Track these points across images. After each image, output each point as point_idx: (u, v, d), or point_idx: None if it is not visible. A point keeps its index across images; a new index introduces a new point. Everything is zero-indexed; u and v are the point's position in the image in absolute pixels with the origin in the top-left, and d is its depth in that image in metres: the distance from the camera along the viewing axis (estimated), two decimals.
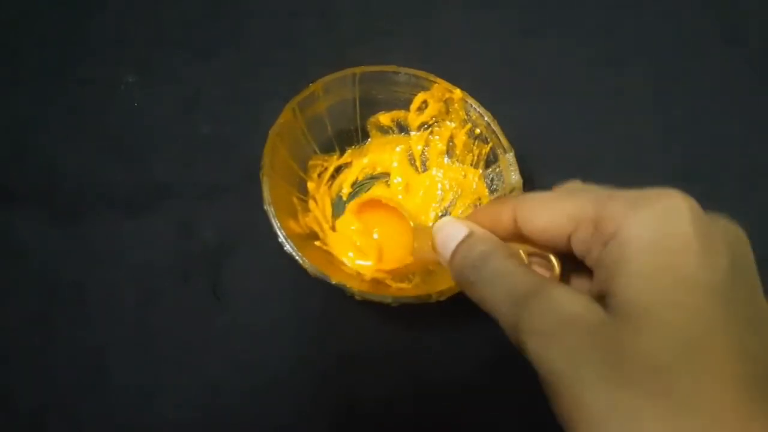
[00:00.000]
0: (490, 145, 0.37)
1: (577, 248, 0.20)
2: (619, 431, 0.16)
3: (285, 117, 0.34)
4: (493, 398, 0.37)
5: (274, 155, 0.33)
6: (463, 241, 0.23)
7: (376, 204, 0.38)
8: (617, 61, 0.49)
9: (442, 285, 0.32)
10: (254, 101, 0.43)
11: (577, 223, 0.20)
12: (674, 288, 0.17)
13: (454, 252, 0.23)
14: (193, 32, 0.47)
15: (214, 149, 0.42)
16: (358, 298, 0.30)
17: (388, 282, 0.35)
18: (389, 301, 0.31)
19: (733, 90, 0.49)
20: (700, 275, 0.17)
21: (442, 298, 0.31)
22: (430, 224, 0.39)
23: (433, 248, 0.25)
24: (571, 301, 0.18)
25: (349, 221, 0.39)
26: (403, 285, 0.35)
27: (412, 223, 0.34)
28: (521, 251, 0.23)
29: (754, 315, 0.17)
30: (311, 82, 0.36)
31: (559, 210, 0.21)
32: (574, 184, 0.22)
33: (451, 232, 0.24)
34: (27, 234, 0.39)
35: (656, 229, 0.17)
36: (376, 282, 0.35)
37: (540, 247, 0.22)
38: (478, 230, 0.23)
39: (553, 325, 0.18)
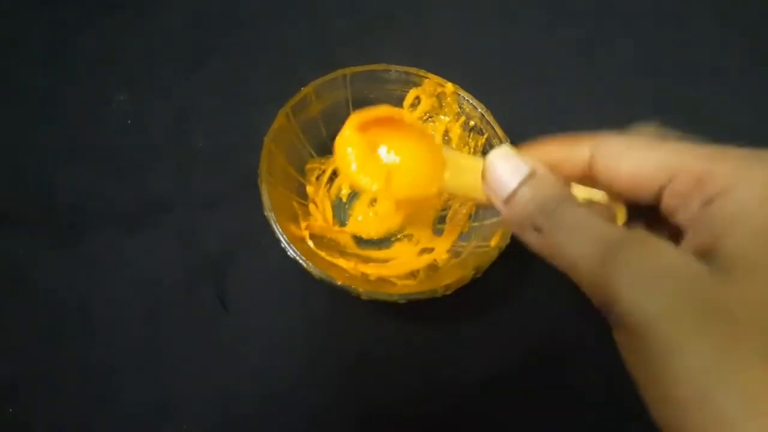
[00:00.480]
0: (486, 136, 0.37)
1: (669, 201, 0.19)
2: (723, 390, 0.15)
3: (279, 122, 0.34)
4: (506, 391, 0.37)
5: (271, 161, 0.33)
6: (525, 181, 0.20)
7: (387, 122, 0.29)
8: (608, 42, 0.49)
9: (448, 279, 0.31)
10: (247, 109, 0.43)
11: (674, 175, 0.18)
12: None
13: (514, 192, 0.20)
14: (180, 45, 0.47)
15: (211, 160, 0.42)
16: (364, 297, 0.30)
17: (394, 280, 0.35)
18: (395, 298, 0.31)
19: (728, 67, 0.49)
20: None
21: (448, 293, 0.31)
22: (434, 222, 0.39)
23: (484, 183, 0.21)
24: (672, 251, 0.17)
25: (347, 141, 0.28)
26: (408, 282, 0.35)
27: (444, 149, 0.27)
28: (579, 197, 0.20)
29: None
30: (303, 86, 0.36)
31: (653, 158, 0.19)
32: (653, 129, 0.21)
33: (511, 168, 0.21)
34: (28, 257, 0.38)
35: (765, 193, 0.16)
36: (381, 281, 0.35)
37: (613, 194, 0.20)
38: (542, 168, 0.20)
39: (654, 273, 0.16)
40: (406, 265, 0.37)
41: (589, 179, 0.20)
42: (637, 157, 0.19)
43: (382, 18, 0.49)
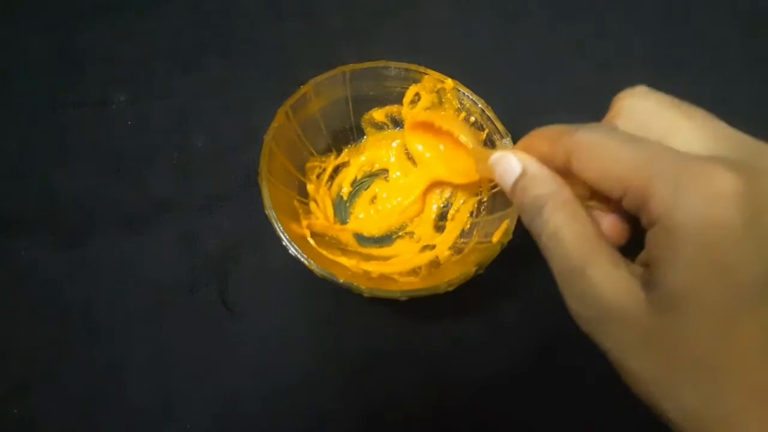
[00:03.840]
0: (486, 131, 0.37)
1: (629, 209, 0.20)
2: (661, 398, 0.18)
3: (279, 121, 0.34)
4: (509, 387, 0.37)
5: (271, 160, 0.33)
6: (518, 180, 0.22)
7: (428, 126, 0.37)
8: (608, 37, 0.49)
9: (450, 275, 0.31)
10: (246, 108, 0.43)
11: (625, 189, 0.19)
12: (717, 284, 0.16)
13: (513, 188, 0.23)
14: (178, 45, 0.47)
15: (211, 160, 0.42)
16: (366, 295, 0.30)
17: (396, 277, 0.35)
18: (398, 295, 0.30)
19: (729, 63, 0.49)
20: (745, 272, 0.16)
21: (451, 288, 0.31)
22: (436, 219, 0.40)
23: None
24: (613, 287, 0.19)
25: (413, 140, 0.39)
26: (411, 279, 0.35)
27: (471, 145, 0.34)
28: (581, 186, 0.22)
29: None
30: (302, 84, 0.36)
31: (610, 169, 0.19)
32: (641, 90, 0.22)
33: (507, 168, 0.23)
34: (31, 261, 0.39)
35: (702, 220, 0.17)
36: (383, 278, 0.35)
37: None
38: (533, 167, 0.22)
39: (597, 315, 0.19)
40: (408, 262, 0.37)
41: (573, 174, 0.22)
42: (601, 164, 0.20)
43: (381, 15, 0.49)
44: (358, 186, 0.41)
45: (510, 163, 0.23)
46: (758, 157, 0.18)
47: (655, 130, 0.20)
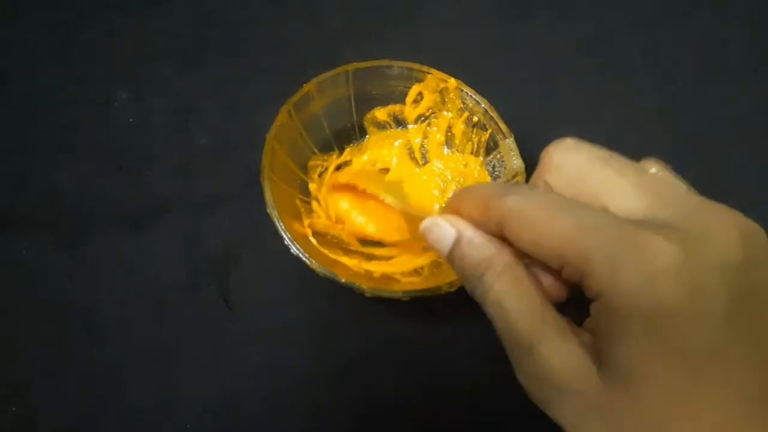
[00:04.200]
0: (489, 131, 0.37)
1: (570, 280, 0.19)
2: None
3: (281, 119, 0.34)
4: (511, 389, 0.36)
5: (273, 158, 0.33)
6: (455, 246, 0.22)
7: (352, 188, 0.36)
8: (611, 37, 0.49)
9: (453, 276, 0.31)
10: (249, 107, 0.43)
11: (562, 263, 0.18)
12: (667, 359, 0.16)
13: (450, 256, 0.22)
14: (181, 43, 0.47)
15: (213, 158, 0.42)
16: (368, 294, 0.30)
17: (398, 277, 0.35)
18: (400, 295, 0.30)
19: (731, 64, 0.49)
20: (691, 344, 0.16)
21: (452, 289, 0.31)
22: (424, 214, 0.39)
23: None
24: (562, 365, 0.18)
25: (336, 201, 0.37)
26: (413, 279, 0.35)
27: (399, 207, 0.33)
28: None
29: (760, 345, 0.17)
30: (305, 83, 0.36)
31: (545, 242, 0.19)
32: (568, 144, 0.21)
33: (440, 235, 0.22)
34: (32, 259, 0.38)
35: (643, 298, 0.16)
36: (385, 277, 0.34)
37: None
38: (467, 232, 0.21)
39: (548, 392, 0.19)
40: (410, 263, 0.36)
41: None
42: (532, 240, 0.19)
43: (384, 14, 0.49)
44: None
45: (443, 229, 0.22)
46: (693, 215, 0.18)
47: (588, 188, 0.20)
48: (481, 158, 0.38)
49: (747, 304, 0.16)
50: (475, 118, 0.37)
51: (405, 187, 0.40)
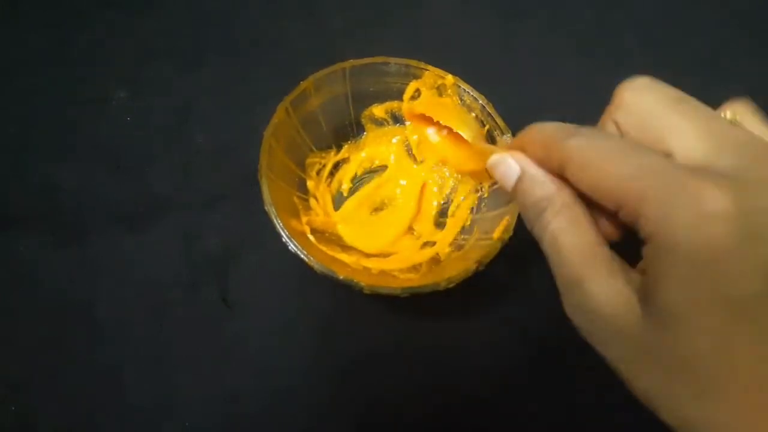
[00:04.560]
0: (487, 128, 0.37)
1: (625, 222, 0.19)
2: (663, 409, 0.18)
3: (278, 117, 0.34)
4: (510, 384, 0.37)
5: (271, 156, 0.33)
6: (518, 182, 0.22)
7: (428, 119, 0.35)
8: (609, 33, 0.49)
9: (451, 272, 0.31)
10: (247, 105, 0.43)
11: (618, 205, 0.19)
12: (709, 300, 0.16)
13: (514, 191, 0.22)
14: (179, 42, 0.47)
15: (211, 157, 0.42)
16: (366, 291, 0.30)
17: (396, 273, 0.35)
18: (398, 292, 0.30)
19: (729, 61, 0.49)
20: (736, 288, 0.16)
21: (451, 285, 0.31)
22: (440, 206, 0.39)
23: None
24: (609, 300, 0.19)
25: (413, 131, 0.37)
26: (411, 275, 0.35)
27: (471, 141, 0.31)
28: None
29: None
30: (302, 81, 0.36)
31: (602, 184, 0.19)
32: (642, 82, 0.21)
33: (506, 170, 0.23)
34: (32, 258, 0.38)
35: (693, 240, 0.16)
36: (383, 274, 0.34)
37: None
38: (530, 170, 0.22)
39: (594, 327, 0.19)
40: (408, 259, 0.36)
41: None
42: (590, 183, 0.19)
43: (381, 11, 0.49)
44: (357, 182, 0.41)
45: (509, 165, 0.22)
46: (755, 163, 0.18)
47: (655, 130, 0.20)
48: None
49: None
50: (473, 114, 0.37)
51: (401, 182, 0.41)
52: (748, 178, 0.17)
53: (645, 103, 0.20)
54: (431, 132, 0.35)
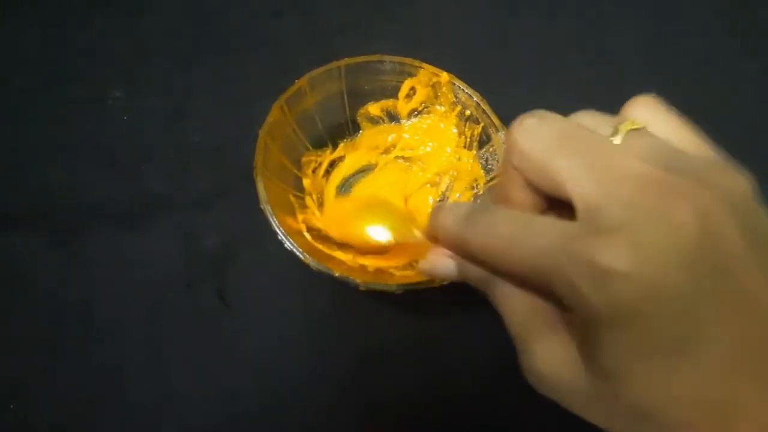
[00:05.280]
0: (482, 125, 0.37)
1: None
2: None
3: (274, 115, 0.34)
4: (506, 379, 0.37)
5: (267, 154, 0.33)
6: (461, 275, 0.24)
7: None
8: (605, 31, 0.49)
9: None
10: (243, 104, 0.43)
11: (537, 288, 0.20)
12: (640, 355, 0.17)
13: (459, 278, 0.24)
14: (175, 41, 0.47)
15: (207, 155, 0.42)
16: (362, 288, 0.30)
17: (392, 271, 0.35)
18: (394, 288, 0.30)
19: (726, 58, 0.49)
20: (663, 335, 0.16)
21: (446, 282, 0.31)
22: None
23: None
24: (551, 359, 0.20)
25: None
26: (407, 272, 0.35)
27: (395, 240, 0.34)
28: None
29: (732, 318, 0.17)
30: (297, 79, 0.36)
31: (515, 270, 0.19)
32: (529, 123, 0.20)
33: (444, 268, 0.24)
34: (28, 257, 0.39)
35: (601, 305, 0.16)
36: (379, 272, 0.35)
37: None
38: (463, 264, 0.23)
39: (542, 384, 0.20)
40: (404, 257, 0.36)
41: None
42: (504, 269, 0.20)
43: (376, 9, 0.49)
44: (353, 180, 0.41)
45: (444, 267, 0.24)
46: (644, 199, 0.17)
47: (550, 175, 0.19)
48: (474, 152, 0.38)
49: (711, 280, 0.16)
50: (468, 112, 0.37)
51: (396, 182, 0.41)
52: (640, 218, 0.17)
53: (535, 148, 0.20)
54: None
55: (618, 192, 0.17)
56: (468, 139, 0.38)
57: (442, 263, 0.24)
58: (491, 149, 0.37)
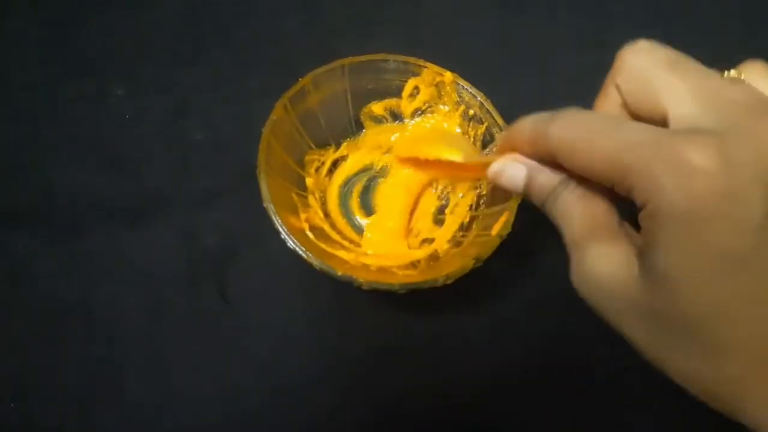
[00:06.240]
0: (485, 125, 0.37)
1: (622, 195, 0.20)
2: (675, 371, 0.19)
3: (277, 114, 0.34)
4: (508, 380, 0.37)
5: (270, 153, 0.33)
6: (528, 182, 0.23)
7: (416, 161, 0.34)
8: (608, 29, 0.49)
9: (449, 268, 0.31)
10: (245, 102, 0.43)
11: (612, 182, 0.19)
12: (702, 259, 0.17)
13: (525, 191, 0.23)
14: (177, 39, 0.47)
15: (210, 154, 0.42)
16: (365, 287, 0.30)
17: (395, 270, 0.35)
18: (396, 288, 0.30)
19: (728, 58, 0.49)
20: (728, 245, 0.17)
21: (449, 281, 0.31)
22: (435, 213, 0.39)
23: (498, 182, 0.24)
24: (609, 261, 0.20)
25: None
26: (410, 272, 0.35)
27: (464, 160, 0.31)
28: None
29: None
30: (301, 78, 0.36)
31: (592, 165, 0.19)
32: (641, 45, 0.21)
33: (511, 176, 0.23)
34: (29, 255, 0.38)
35: (679, 197, 0.17)
36: (382, 271, 0.34)
37: None
38: (535, 168, 0.23)
39: (596, 289, 0.20)
40: (407, 256, 0.36)
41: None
42: (580, 166, 0.20)
43: (380, 8, 0.49)
44: (355, 180, 0.40)
45: (513, 170, 0.23)
46: (744, 116, 0.18)
47: (652, 91, 0.20)
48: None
49: None
50: (471, 112, 0.37)
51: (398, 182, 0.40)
52: (732, 131, 0.17)
53: (643, 66, 0.21)
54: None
55: (716, 110, 0.18)
56: (472, 139, 0.38)
57: (511, 168, 0.23)
58: (495, 149, 0.37)
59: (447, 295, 0.31)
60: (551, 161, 0.22)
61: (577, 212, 0.21)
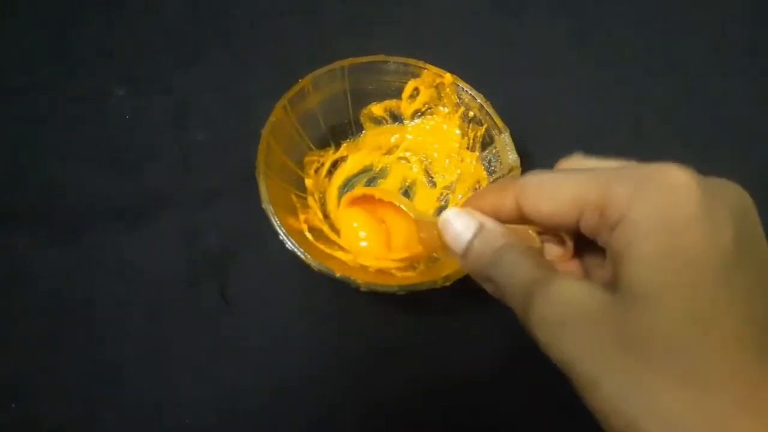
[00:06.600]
0: (485, 126, 0.37)
1: (586, 232, 0.20)
2: (645, 418, 0.16)
3: (276, 115, 0.34)
4: (506, 380, 0.37)
5: (269, 154, 0.33)
6: (475, 237, 0.22)
7: (370, 199, 0.36)
8: (607, 31, 0.49)
9: (448, 270, 0.31)
10: (246, 103, 0.43)
11: (582, 208, 0.19)
12: (680, 270, 0.17)
13: (467, 249, 0.22)
14: (177, 40, 0.47)
15: (210, 154, 0.42)
16: (363, 289, 0.30)
17: (393, 272, 0.35)
18: (395, 289, 0.30)
19: (726, 56, 0.49)
20: (705, 254, 0.17)
21: (448, 283, 0.31)
22: (434, 214, 0.39)
23: (442, 242, 0.24)
24: (574, 289, 0.19)
25: (348, 216, 0.38)
26: (408, 273, 0.35)
27: (413, 215, 0.32)
28: (531, 231, 0.23)
29: (762, 277, 0.17)
30: (301, 79, 0.36)
31: (562, 195, 0.20)
32: (576, 160, 0.22)
33: (461, 228, 0.23)
34: (30, 255, 0.38)
35: (660, 212, 0.17)
36: (381, 272, 0.34)
37: (550, 229, 0.22)
38: (488, 223, 0.22)
39: (559, 316, 0.18)
40: (405, 258, 0.36)
41: (525, 220, 0.22)
42: (551, 197, 0.20)
43: (380, 8, 0.49)
44: (355, 181, 0.41)
45: (464, 221, 0.23)
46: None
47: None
48: (477, 153, 0.38)
49: (747, 242, 0.17)
50: (471, 114, 0.37)
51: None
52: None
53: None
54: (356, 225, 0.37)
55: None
56: (471, 141, 0.38)
57: (465, 219, 0.23)
58: (494, 151, 0.37)
59: (446, 296, 0.32)
60: (509, 217, 0.22)
61: (528, 260, 0.21)
